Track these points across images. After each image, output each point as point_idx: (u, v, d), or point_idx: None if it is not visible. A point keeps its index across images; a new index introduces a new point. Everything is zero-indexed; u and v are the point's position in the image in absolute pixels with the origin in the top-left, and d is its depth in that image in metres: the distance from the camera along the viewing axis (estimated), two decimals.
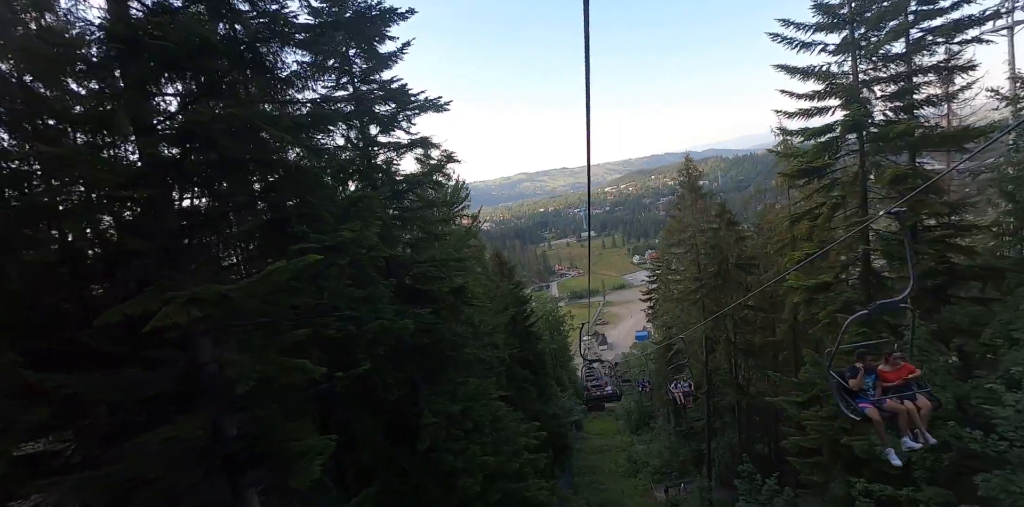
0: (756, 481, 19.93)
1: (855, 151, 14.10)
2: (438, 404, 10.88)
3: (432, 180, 11.86)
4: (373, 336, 7.52)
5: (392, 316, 8.17)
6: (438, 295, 11.28)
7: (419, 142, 11.47)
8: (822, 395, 15.48)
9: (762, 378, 27.05)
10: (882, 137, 13.05)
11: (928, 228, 14.19)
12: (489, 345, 17.34)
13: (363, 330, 7.39)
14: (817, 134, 14.34)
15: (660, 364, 36.70)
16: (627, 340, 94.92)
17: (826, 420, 15.12)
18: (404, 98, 10.74)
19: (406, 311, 9.56)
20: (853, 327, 13.83)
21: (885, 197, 13.78)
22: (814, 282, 14.93)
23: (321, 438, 6.57)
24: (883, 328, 13.38)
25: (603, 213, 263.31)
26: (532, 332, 32.10)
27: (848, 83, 13.09)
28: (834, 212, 13.70)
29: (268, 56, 7.34)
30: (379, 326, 7.51)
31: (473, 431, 12.03)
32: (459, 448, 11.17)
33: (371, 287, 8.51)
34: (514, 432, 13.48)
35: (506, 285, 25.87)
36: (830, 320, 14.25)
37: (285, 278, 4.86)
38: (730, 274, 23.47)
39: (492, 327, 17.65)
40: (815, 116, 14.47)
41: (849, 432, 14.73)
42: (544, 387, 32.85)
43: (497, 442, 12.60)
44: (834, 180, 14.35)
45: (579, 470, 36.17)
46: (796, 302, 15.26)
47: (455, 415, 11.66)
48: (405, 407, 11.27)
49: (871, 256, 14.07)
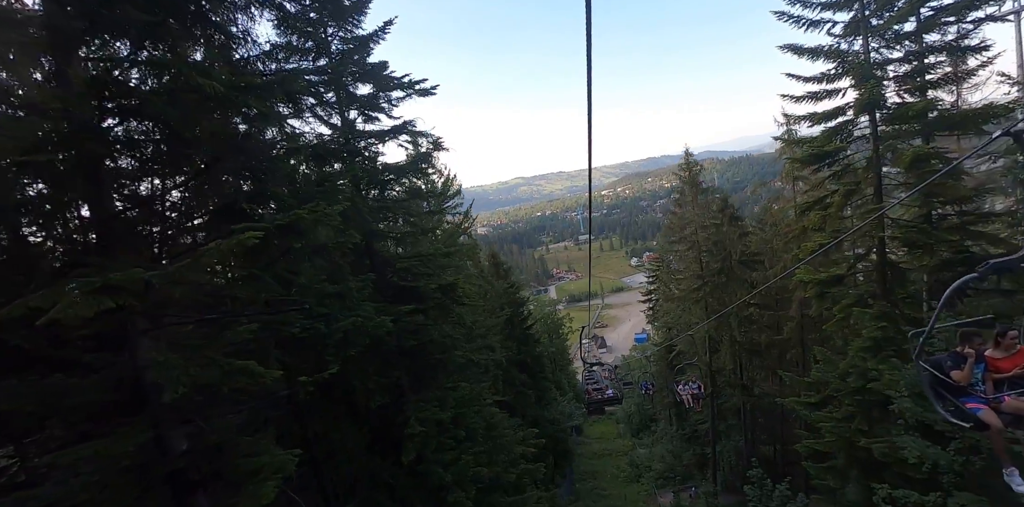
0: (766, 486, 19.02)
1: (865, 137, 13.32)
2: (426, 411, 9.95)
3: (418, 168, 10.98)
4: (344, 335, 6.63)
5: (371, 314, 7.27)
6: (424, 292, 10.36)
7: (403, 128, 10.59)
8: (836, 395, 14.63)
9: (766, 378, 26.28)
10: (898, 118, 12.26)
11: (943, 216, 13.41)
12: (484, 348, 16.43)
13: (333, 329, 6.50)
14: (827, 118, 13.55)
15: (661, 366, 35.91)
16: (626, 343, 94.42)
17: (841, 421, 14.26)
18: (383, 79, 9.88)
19: (387, 309, 8.67)
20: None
21: (902, 183, 12.96)
22: (826, 275, 14.08)
23: (280, 453, 5.66)
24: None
25: (600, 216, 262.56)
26: (530, 335, 31.23)
27: (860, 61, 12.30)
28: (847, 200, 12.88)
29: (232, 24, 6.52)
30: (351, 324, 6.62)
31: (465, 440, 11.12)
32: (449, 459, 10.24)
33: (344, 282, 7.63)
34: (511, 440, 12.55)
35: (501, 285, 24.95)
36: (844, 315, 13.40)
37: (217, 260, 4.00)
38: (734, 271, 22.64)
39: (487, 328, 16.72)
40: (824, 99, 13.69)
41: (866, 434, 13.89)
42: (543, 391, 32.00)
43: (492, 451, 11.67)
44: (846, 166, 13.54)
45: (580, 476, 35.39)
46: (807, 297, 14.43)
47: (445, 423, 10.74)
48: (391, 415, 10.34)
49: (887, 246, 13.23)
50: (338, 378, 9.53)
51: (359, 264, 10.96)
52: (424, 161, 11.17)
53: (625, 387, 47.82)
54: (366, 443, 9.92)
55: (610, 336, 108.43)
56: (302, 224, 4.78)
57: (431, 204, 13.84)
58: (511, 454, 12.27)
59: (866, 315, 12.45)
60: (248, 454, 5.60)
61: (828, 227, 12.92)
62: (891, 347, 12.57)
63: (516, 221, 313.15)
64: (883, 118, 12.83)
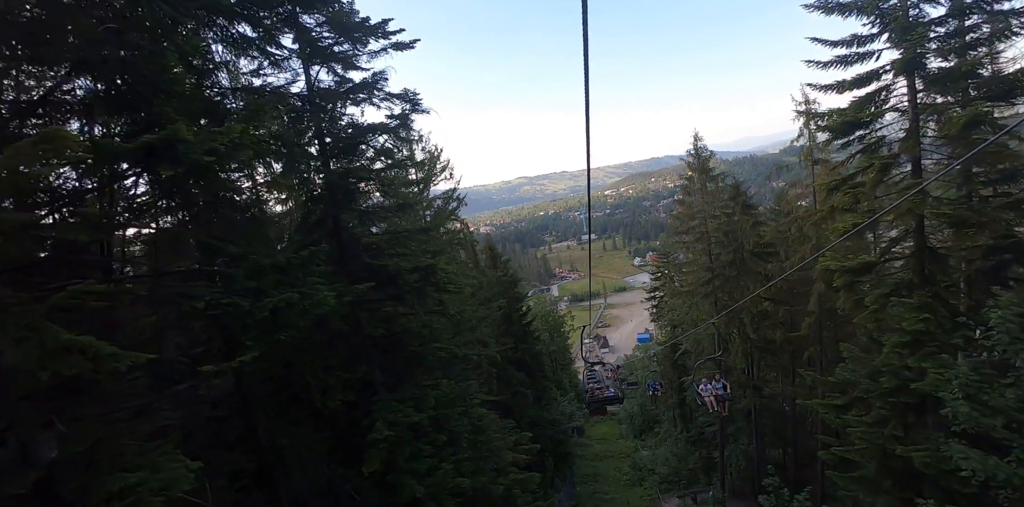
0: (783, 496, 17.45)
1: (899, 109, 11.81)
2: (398, 413, 8.46)
3: (391, 130, 9.47)
4: (272, 315, 5.18)
5: (314, 291, 5.79)
6: (397, 273, 8.85)
7: (373, 83, 9.10)
8: (865, 397, 13.09)
9: (776, 379, 24.72)
10: (941, 79, 10.75)
11: (985, 198, 11.92)
12: (474, 342, 14.96)
13: (256, 306, 5.07)
14: (858, 84, 12.05)
15: (666, 365, 34.51)
16: (629, 342, 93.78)
17: (872, 426, 12.72)
18: (344, 17, 8.37)
19: (345, 289, 7.22)
20: (903, 310, 11.42)
21: (947, 157, 11.43)
22: (855, 263, 12.56)
23: (175, 466, 4.21)
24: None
25: (603, 216, 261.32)
26: (529, 331, 29.77)
27: (899, 14, 10.78)
28: (884, 174, 11.36)
29: None
30: (283, 301, 5.15)
31: (447, 446, 9.62)
32: (426, 468, 8.74)
33: (280, 254, 6.16)
34: (500, 446, 11.05)
35: (494, 274, 23.38)
36: (878, 306, 11.87)
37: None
38: (746, 263, 21.06)
39: (477, 320, 15.20)
40: (855, 64, 12.18)
41: (901, 440, 12.35)
42: (543, 391, 30.61)
43: (478, 458, 10.19)
44: (880, 139, 12.02)
45: (581, 478, 34.28)
46: (835, 286, 12.87)
47: (423, 426, 9.25)
48: (359, 417, 8.87)
49: (925, 226, 11.70)
50: (293, 372, 8.08)
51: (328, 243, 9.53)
52: (402, 124, 9.67)
53: (629, 388, 46.48)
54: (327, 449, 8.45)
55: (612, 336, 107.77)
56: (181, 146, 3.32)
57: (416, 178, 12.35)
58: (501, 461, 10.80)
59: (905, 306, 10.92)
60: (128, 468, 4.14)
61: (862, 206, 11.39)
62: (933, 342, 11.04)
63: (519, 220, 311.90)
64: (924, 81, 11.33)
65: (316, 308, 5.51)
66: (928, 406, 12.34)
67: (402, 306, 9.54)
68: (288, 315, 5.29)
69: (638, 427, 43.85)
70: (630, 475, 34.34)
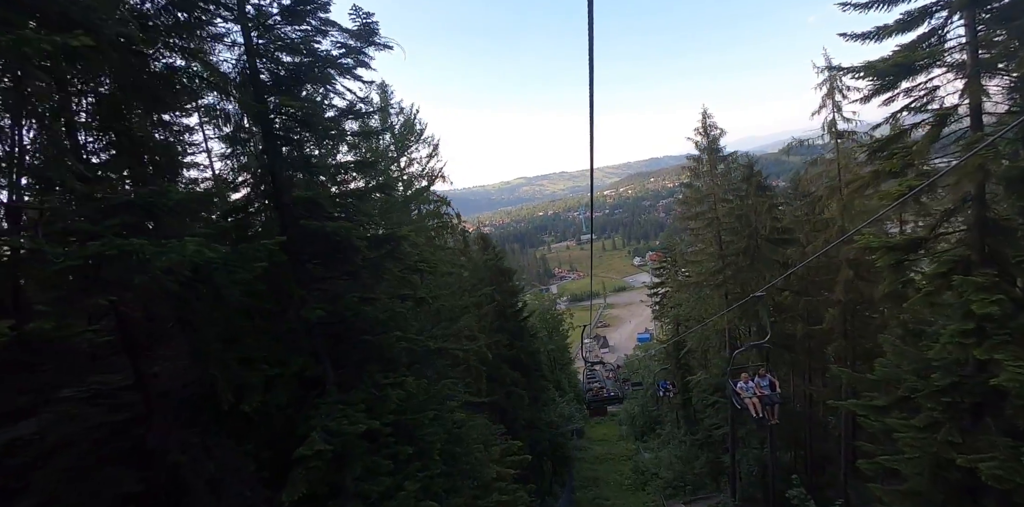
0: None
1: (954, 60, 9.92)
2: (343, 419, 6.56)
3: (348, 70, 7.58)
4: (95, 265, 3.27)
5: (193, 245, 3.90)
6: (341, 238, 6.88)
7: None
8: (912, 396, 11.20)
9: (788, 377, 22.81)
10: (1009, 13, 8.88)
11: None
12: (459, 335, 13.05)
13: (62, 253, 3.21)
14: (904, 27, 10.18)
15: (671, 364, 32.76)
16: (629, 342, 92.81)
17: (922, 431, 10.82)
18: None
19: (254, 251, 5.32)
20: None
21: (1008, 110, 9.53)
22: (902, 239, 10.69)
23: None
24: None
25: (603, 216, 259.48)
26: (525, 328, 27.88)
27: None
28: (941, 129, 9.46)
29: None
30: (112, 247, 3.24)
31: (413, 459, 7.70)
32: (383, 489, 6.84)
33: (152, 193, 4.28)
34: (482, 458, 9.11)
35: (482, 257, 21.33)
36: (934, 288, 9.98)
37: None
38: (760, 250, 19.12)
39: (460, 309, 13.21)
40: (900, 3, 10.34)
41: (957, 447, 10.46)
42: (540, 391, 28.76)
43: (454, 474, 8.28)
44: (931, 90, 10.12)
45: (581, 482, 32.82)
46: (878, 266, 10.99)
47: (382, 435, 7.34)
48: (296, 424, 6.96)
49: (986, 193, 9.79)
50: (194, 367, 6.16)
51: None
52: (358, 62, 7.76)
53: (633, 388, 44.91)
54: (252, 466, 6.54)
55: (612, 336, 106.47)
56: None
57: (365, 121, 10.42)
58: (483, 477, 8.87)
59: (971, 285, 9.00)
60: None
61: (914, 167, 9.50)
62: (1003, 330, 9.16)
63: (518, 221, 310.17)
64: (984, 19, 9.47)
65: (155, 260, 3.58)
66: (987, 407, 10.48)
67: (356, 285, 7.63)
68: (119, 269, 3.42)
69: (639, 428, 42.54)
70: (632, 479, 33.01)
